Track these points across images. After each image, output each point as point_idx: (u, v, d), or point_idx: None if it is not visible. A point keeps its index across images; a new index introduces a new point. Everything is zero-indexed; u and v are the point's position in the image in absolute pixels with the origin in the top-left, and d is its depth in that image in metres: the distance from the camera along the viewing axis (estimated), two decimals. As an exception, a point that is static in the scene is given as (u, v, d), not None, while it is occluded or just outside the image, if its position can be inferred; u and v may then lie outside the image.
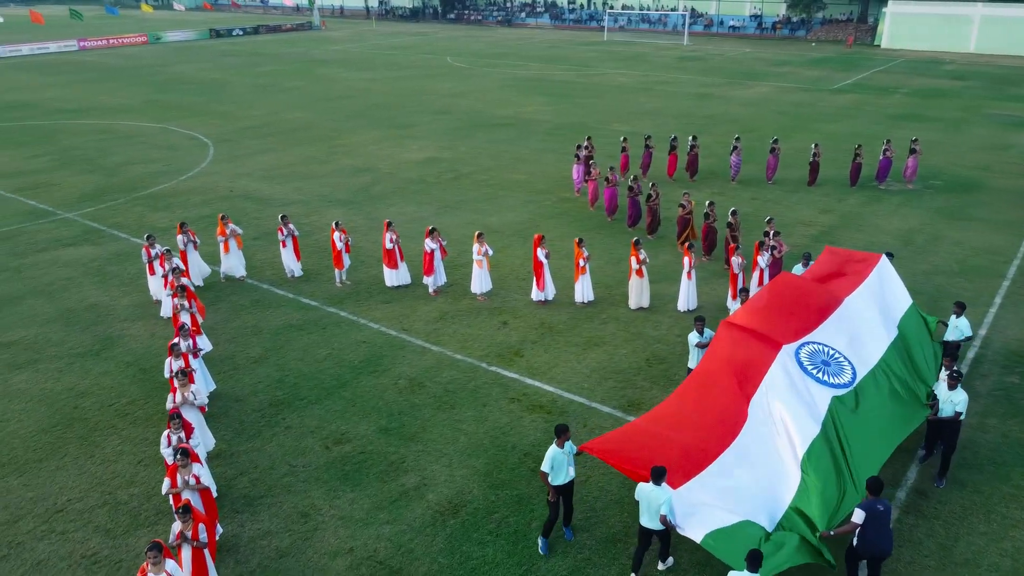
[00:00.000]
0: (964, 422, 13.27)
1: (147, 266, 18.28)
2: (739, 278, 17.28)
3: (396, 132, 35.98)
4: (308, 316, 17.59)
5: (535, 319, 17.31)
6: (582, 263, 17.48)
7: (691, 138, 27.88)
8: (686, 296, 17.40)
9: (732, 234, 19.31)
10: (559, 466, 10.04)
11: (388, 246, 18.50)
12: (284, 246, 19.43)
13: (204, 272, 19.51)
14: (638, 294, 17.60)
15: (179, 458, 10.09)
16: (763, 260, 17.14)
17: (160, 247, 18.04)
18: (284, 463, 12.51)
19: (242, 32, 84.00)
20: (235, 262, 19.58)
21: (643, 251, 17.37)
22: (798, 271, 15.91)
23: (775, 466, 10.35)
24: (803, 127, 35.83)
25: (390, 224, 18.59)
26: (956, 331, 14.11)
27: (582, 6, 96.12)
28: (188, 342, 13.59)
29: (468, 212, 24.55)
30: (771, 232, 18.18)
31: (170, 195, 26.63)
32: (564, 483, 10.25)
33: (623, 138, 28.43)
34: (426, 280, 18.52)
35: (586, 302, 17.91)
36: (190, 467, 10.14)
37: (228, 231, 19.26)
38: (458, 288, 18.76)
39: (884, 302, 13.71)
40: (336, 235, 18.62)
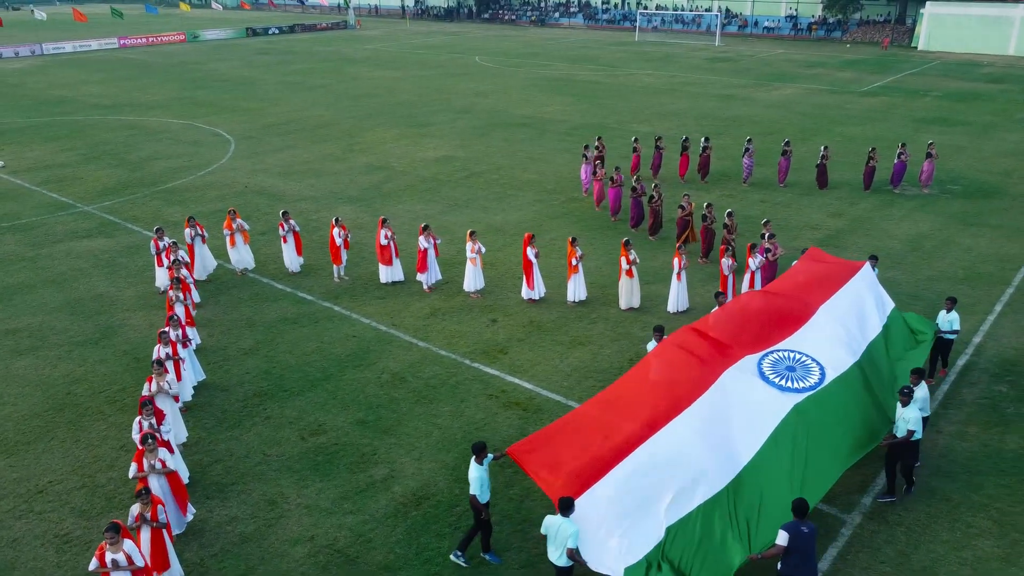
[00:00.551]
0: (943, 430, 13.20)
1: (155, 258, 18.83)
2: (728, 280, 17.24)
3: (415, 130, 36.34)
4: (303, 310, 17.95)
5: (525, 317, 17.44)
6: (574, 262, 17.56)
7: (703, 139, 27.72)
8: (676, 297, 17.37)
9: (728, 236, 19.26)
10: (484, 484, 10.00)
11: (383, 242, 18.78)
12: (285, 241, 19.84)
13: (210, 266, 19.99)
14: (628, 294, 17.62)
15: (147, 443, 10.44)
16: (754, 263, 17.03)
17: (168, 239, 18.57)
18: (259, 452, 12.83)
19: (278, 31, 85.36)
20: (242, 256, 20.04)
21: (633, 251, 17.39)
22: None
23: (675, 481, 9.89)
24: (824, 130, 35.34)
25: (385, 221, 18.86)
26: (946, 324, 14.21)
27: (616, 6, 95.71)
28: (177, 331, 14.00)
29: (475, 211, 24.75)
30: (766, 235, 18.07)
31: (187, 190, 27.30)
32: (488, 500, 10.20)
33: (634, 139, 28.37)
34: (420, 277, 18.76)
35: (577, 301, 17.98)
36: (156, 452, 10.48)
37: (235, 225, 19.72)
38: (453, 285, 18.96)
39: (862, 311, 13.54)
40: (335, 231, 18.96)
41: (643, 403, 10.69)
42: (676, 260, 17.17)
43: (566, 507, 9.04)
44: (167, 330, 13.69)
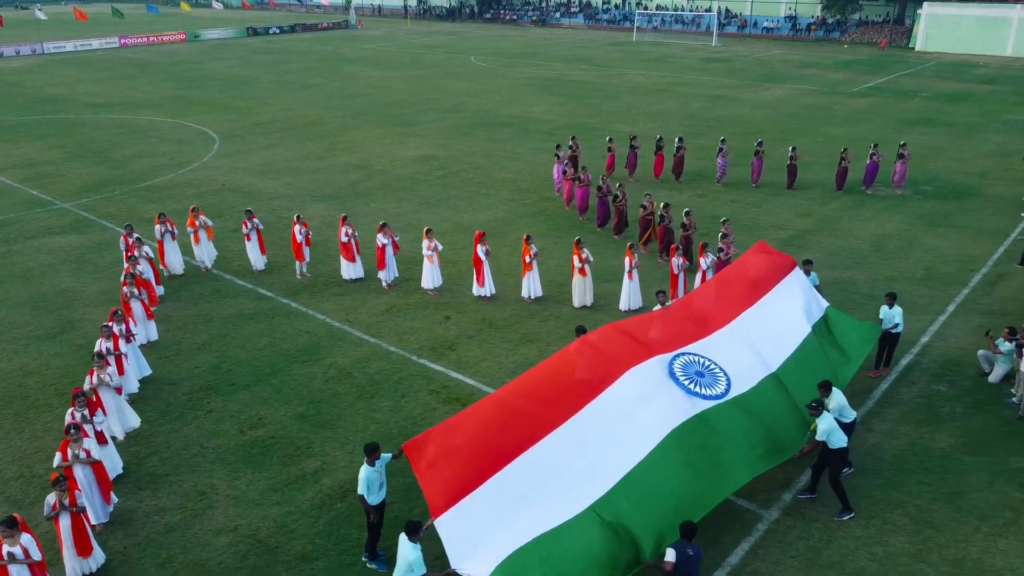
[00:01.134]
0: (875, 428, 13.34)
1: (123, 254, 19.09)
2: (679, 279, 17.37)
3: (399, 130, 36.58)
4: (261, 306, 18.19)
5: (478, 315, 17.62)
6: (528, 259, 17.73)
7: (677, 139, 27.83)
8: (628, 296, 17.51)
9: (684, 234, 19.41)
10: (373, 485, 10.07)
11: (344, 240, 19.01)
12: (248, 239, 20.07)
13: (180, 262, 20.25)
14: (581, 293, 17.78)
15: (71, 433, 10.68)
16: (705, 262, 17.16)
17: (136, 236, 18.85)
18: (197, 444, 13.07)
19: (279, 30, 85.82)
20: (204, 253, 20.31)
21: (586, 250, 17.55)
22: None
23: (561, 484, 10.01)
24: (807, 131, 35.36)
25: (346, 218, 19.11)
26: (888, 319, 14.47)
27: (616, 6, 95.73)
28: (121, 326, 14.25)
29: (446, 209, 24.96)
30: (720, 233, 18.20)
31: (165, 188, 27.61)
32: (381, 501, 10.27)
33: (609, 139, 28.52)
34: (379, 274, 18.97)
35: (533, 298, 18.15)
36: (80, 442, 10.73)
37: (198, 223, 20.01)
38: (414, 283, 19.15)
39: (789, 316, 13.66)
40: (296, 228, 19.20)
41: (541, 401, 10.77)
42: (627, 259, 17.31)
43: (411, 531, 8.92)
44: (110, 324, 13.94)
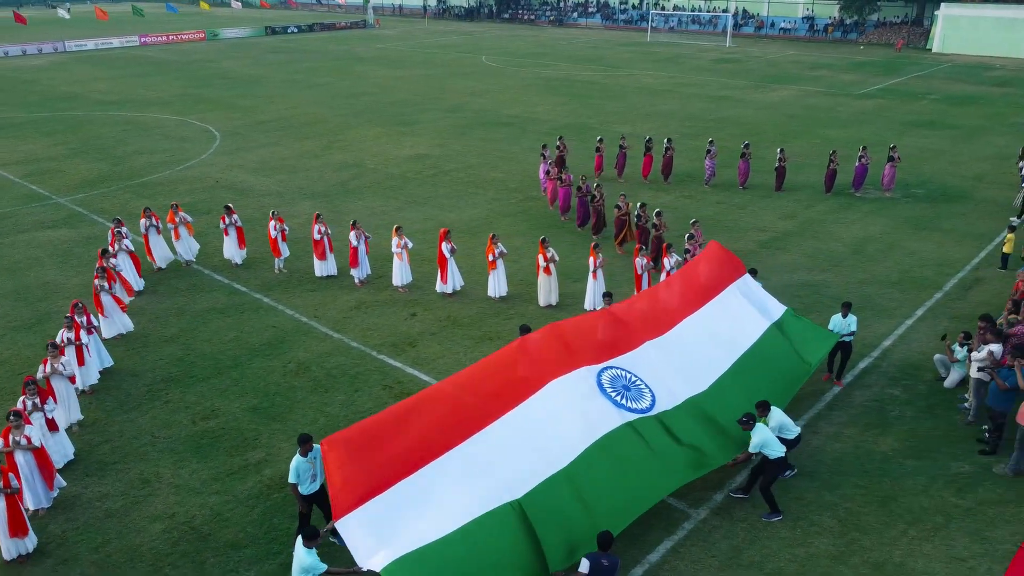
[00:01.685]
0: (821, 431, 13.33)
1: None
2: (643, 279, 17.43)
3: (398, 129, 36.89)
4: (234, 301, 18.53)
5: (444, 312, 17.81)
6: (491, 257, 17.88)
7: (666, 140, 27.82)
8: (592, 295, 17.58)
9: (656, 234, 19.47)
10: (304, 475, 10.28)
11: (316, 237, 19.29)
12: (227, 234, 20.43)
13: (167, 256, 20.69)
14: (546, 292, 17.90)
15: (11, 419, 11.03)
16: (669, 262, 17.19)
17: (126, 229, 19.39)
18: (149, 434, 13.40)
19: (297, 30, 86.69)
20: (185, 247, 20.71)
21: (551, 249, 17.66)
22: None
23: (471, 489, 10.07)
24: (806, 132, 35.11)
25: (319, 216, 19.39)
26: (844, 327, 14.38)
27: (633, 6, 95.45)
28: (83, 318, 14.64)
29: (431, 208, 25.19)
30: (687, 235, 18.23)
31: (160, 184, 28.15)
32: (313, 492, 10.44)
33: (599, 139, 28.56)
34: (352, 272, 19.23)
35: (499, 297, 18.30)
36: (22, 428, 11.06)
37: (178, 219, 20.41)
38: (386, 280, 19.36)
39: (733, 323, 13.71)
40: (272, 224, 19.53)
41: (465, 404, 10.87)
42: (591, 259, 17.39)
43: (308, 537, 8.94)
44: (71, 315, 14.32)
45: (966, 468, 12.34)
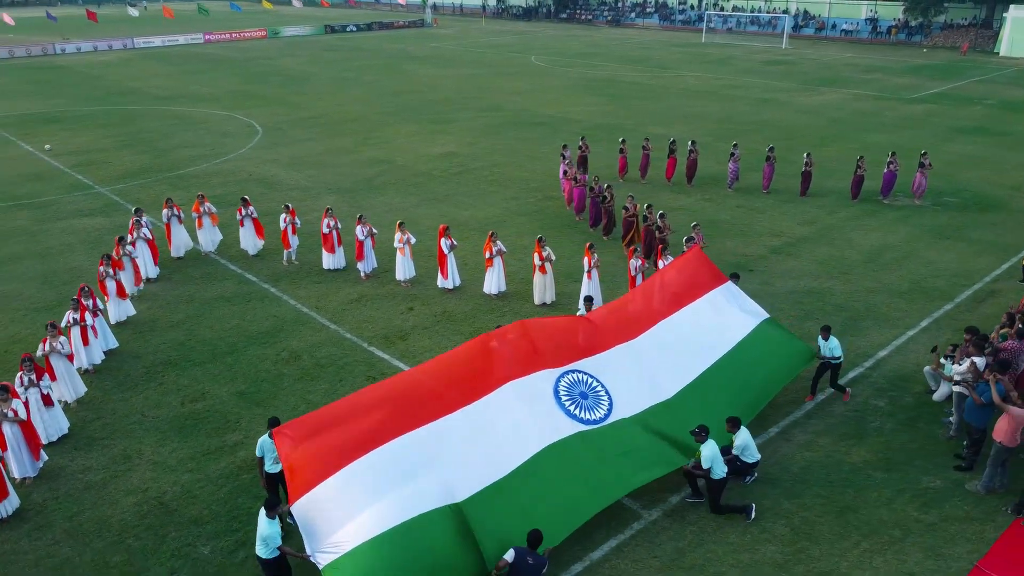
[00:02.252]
0: (794, 439, 13.19)
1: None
2: (637, 280, 17.41)
3: (433, 127, 37.42)
4: (242, 290, 19.22)
5: (440, 307, 18.14)
6: (488, 255, 18.12)
7: (690, 143, 27.58)
8: (586, 294, 17.62)
9: (660, 236, 19.41)
10: (268, 455, 10.70)
11: (325, 231, 19.84)
12: (242, 225, 21.16)
13: (187, 244, 21.58)
14: (541, 290, 18.05)
15: (-1, 393, 11.78)
16: (663, 264, 17.14)
17: (146, 218, 20.30)
18: (139, 413, 14.08)
19: (355, 28, 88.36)
20: (208, 237, 21.54)
21: (548, 248, 17.80)
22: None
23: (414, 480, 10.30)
24: (846, 137, 34.28)
25: (329, 210, 19.93)
26: (827, 351, 13.93)
27: (692, 7, 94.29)
28: (89, 300, 15.43)
29: (448, 205, 25.56)
30: (685, 237, 18.14)
31: (197, 176, 29.25)
32: (277, 472, 10.82)
33: (622, 140, 28.50)
34: (358, 265, 19.72)
35: (496, 294, 18.53)
36: (9, 402, 11.79)
37: (203, 209, 21.25)
38: (391, 274, 19.76)
39: (703, 334, 13.60)
40: (283, 216, 20.16)
41: (419, 397, 11.09)
42: (586, 259, 17.47)
43: (268, 507, 9.49)
44: (77, 298, 15.13)
45: (937, 483, 12.05)
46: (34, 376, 12.75)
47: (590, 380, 12.29)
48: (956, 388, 12.73)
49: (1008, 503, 11.40)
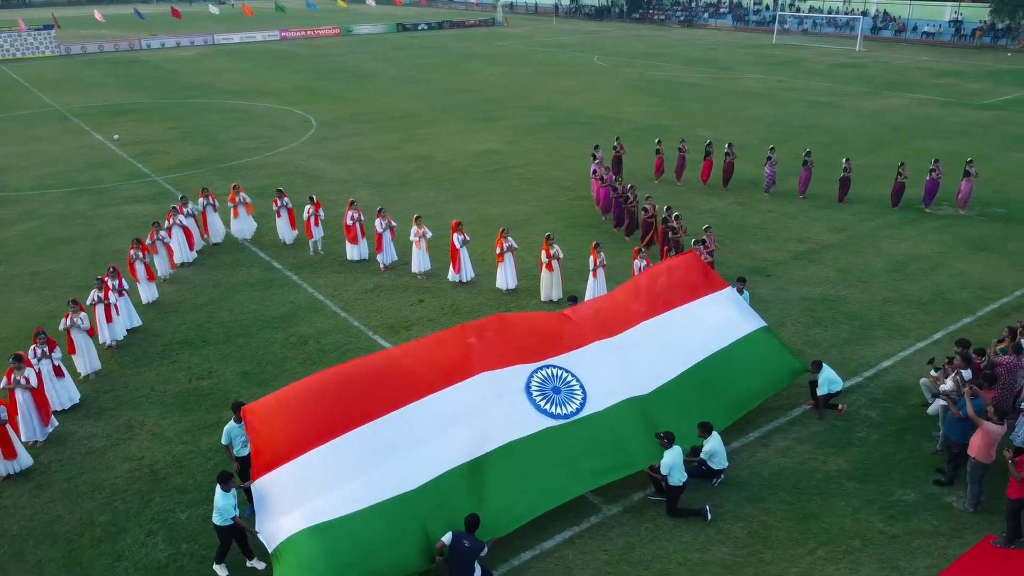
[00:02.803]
0: (772, 444, 13.16)
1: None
2: (639, 281, 17.47)
3: (479, 124, 37.96)
4: (267, 276, 20.11)
5: (449, 300, 18.60)
6: (499, 251, 18.48)
7: (727, 145, 27.30)
8: (591, 293, 17.79)
9: (674, 237, 19.41)
10: (237, 439, 11.26)
11: (349, 223, 20.56)
12: (279, 216, 22.11)
13: (220, 232, 22.69)
14: (548, 287, 18.30)
15: (12, 362, 12.79)
16: (668, 265, 17.15)
17: (191, 206, 21.51)
18: (148, 387, 15.01)
19: (426, 27, 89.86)
20: (243, 226, 22.59)
21: (556, 246, 18.06)
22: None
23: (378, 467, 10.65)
24: (898, 143, 33.21)
25: (353, 203, 20.65)
26: (824, 385, 13.67)
27: (767, 7, 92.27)
28: (115, 281, 16.50)
29: (478, 202, 26.01)
30: (693, 240, 18.11)
31: (247, 167, 30.55)
32: (246, 455, 11.38)
33: (657, 140, 28.39)
34: (377, 257, 20.36)
35: (507, 289, 18.87)
36: (22, 370, 12.80)
37: (238, 198, 22.30)
38: (410, 266, 20.28)
39: (689, 337, 13.60)
40: (307, 208, 20.99)
41: (387, 383, 11.43)
42: (592, 257, 17.64)
43: (222, 480, 10.09)
44: (104, 278, 16.20)
45: (911, 496, 11.83)
46: (47, 348, 13.77)
47: (565, 375, 12.49)
48: (941, 401, 12.43)
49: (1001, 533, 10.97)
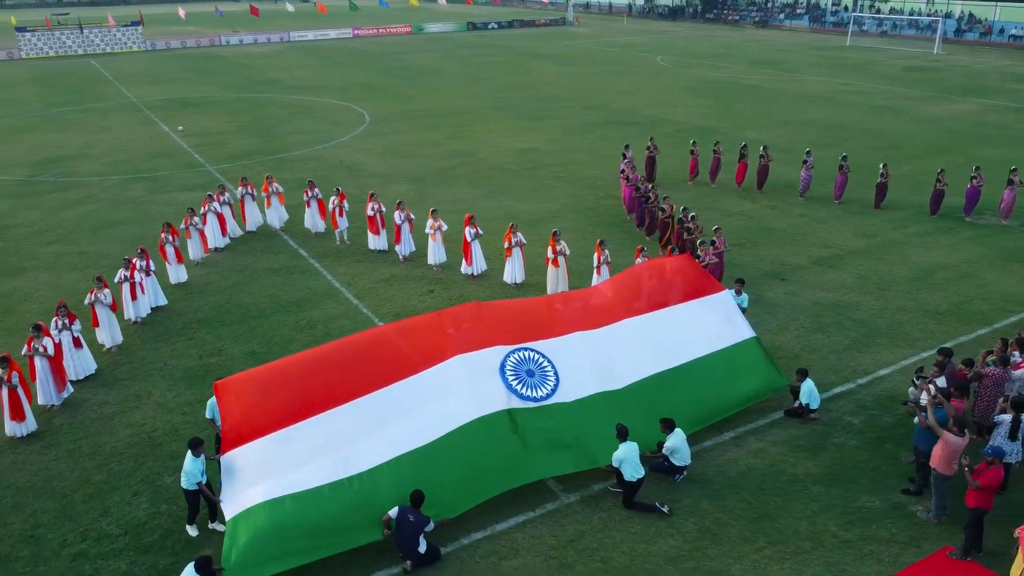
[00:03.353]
0: (745, 445, 13.23)
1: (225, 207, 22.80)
2: (641, 279, 17.59)
3: (526, 123, 38.37)
4: (291, 263, 21.04)
5: (458, 291, 19.11)
6: (507, 245, 18.88)
7: (762, 148, 26.95)
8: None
9: (689, 237, 19.43)
10: (218, 414, 11.87)
11: (370, 214, 21.32)
12: (308, 206, 23.06)
13: (259, 220, 23.82)
14: (553, 283, 18.59)
15: (31, 331, 13.92)
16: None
17: (227, 195, 22.65)
18: (162, 361, 16.02)
19: (496, 26, 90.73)
20: (274, 215, 23.66)
21: (562, 243, 18.34)
22: None
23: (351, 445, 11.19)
24: (956, 149, 32.04)
25: (374, 195, 21.39)
26: (805, 395, 13.67)
27: (846, 8, 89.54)
28: (143, 261, 17.63)
29: (507, 199, 26.45)
30: (699, 240, 18.11)
31: (294, 160, 31.80)
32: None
33: (693, 142, 28.24)
34: (396, 248, 21.05)
35: (515, 284, 19.26)
36: (41, 339, 13.92)
37: (271, 188, 23.37)
38: (427, 258, 20.91)
39: (672, 338, 13.69)
40: (332, 199, 21.84)
41: (361, 367, 11.95)
42: (596, 255, 17.86)
43: (192, 446, 10.77)
44: (131, 258, 17.35)
45: (875, 503, 11.70)
46: (67, 320, 14.89)
47: (541, 359, 12.81)
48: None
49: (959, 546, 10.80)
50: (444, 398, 11.96)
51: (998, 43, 71.97)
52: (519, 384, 12.34)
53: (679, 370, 13.45)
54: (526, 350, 12.86)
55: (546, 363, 12.81)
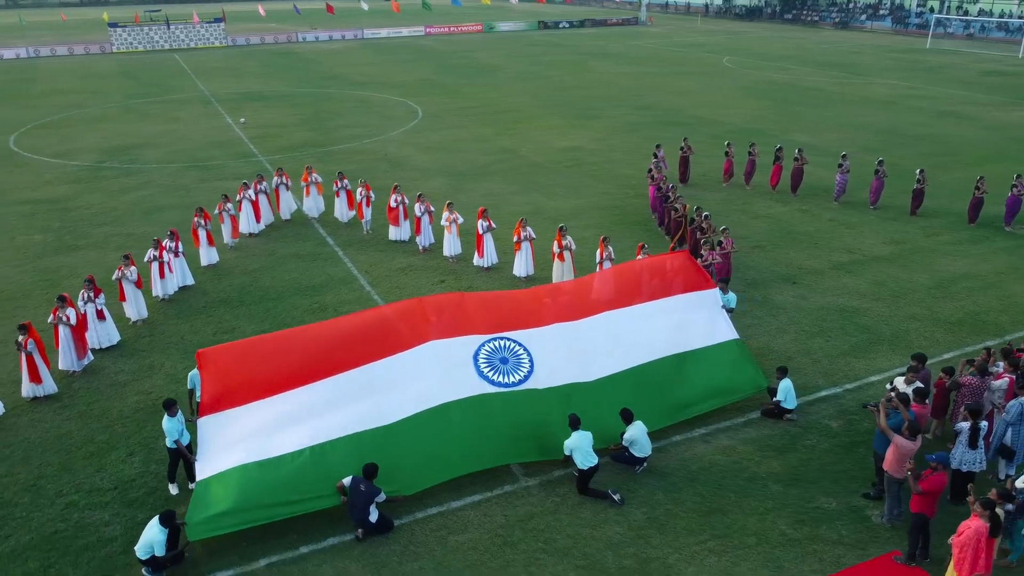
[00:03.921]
0: (715, 441, 13.36)
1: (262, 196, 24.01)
2: (641, 277, 17.76)
3: (575, 122, 38.64)
4: (316, 250, 22.01)
5: (468, 283, 19.68)
6: (516, 239, 19.34)
7: (796, 151, 26.56)
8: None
9: (702, 237, 19.50)
10: (199, 386, 12.62)
11: (392, 205, 22.10)
12: (338, 196, 24.01)
13: (292, 208, 24.95)
14: (558, 277, 18.93)
15: (57, 301, 15.16)
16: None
17: (264, 184, 23.85)
18: (180, 336, 17.13)
19: (568, 25, 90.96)
20: (312, 204, 24.73)
21: (568, 238, 18.69)
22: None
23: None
24: (1012, 157, 30.77)
25: (397, 187, 22.15)
26: (781, 394, 13.76)
27: (932, 9, 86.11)
28: (173, 243, 18.85)
29: (538, 195, 26.87)
30: (704, 239, 18.15)
31: (342, 152, 32.98)
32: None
33: (727, 143, 28.03)
34: (416, 239, 21.77)
35: (524, 277, 19.69)
36: (65, 309, 15.14)
37: (310, 179, 24.45)
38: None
39: (651, 333, 13.88)
40: (359, 190, 22.71)
41: (339, 348, 12.58)
42: (599, 251, 18.13)
43: (166, 406, 11.63)
44: (161, 240, 18.58)
45: (832, 505, 11.70)
46: (92, 294, 16.11)
47: (516, 348, 13.24)
48: (883, 414, 12.13)
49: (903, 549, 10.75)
50: (415, 381, 12.52)
51: (1094, 47, 68.04)
52: (491, 371, 12.79)
53: (653, 366, 13.65)
54: (502, 339, 13.31)
55: (522, 351, 13.22)
